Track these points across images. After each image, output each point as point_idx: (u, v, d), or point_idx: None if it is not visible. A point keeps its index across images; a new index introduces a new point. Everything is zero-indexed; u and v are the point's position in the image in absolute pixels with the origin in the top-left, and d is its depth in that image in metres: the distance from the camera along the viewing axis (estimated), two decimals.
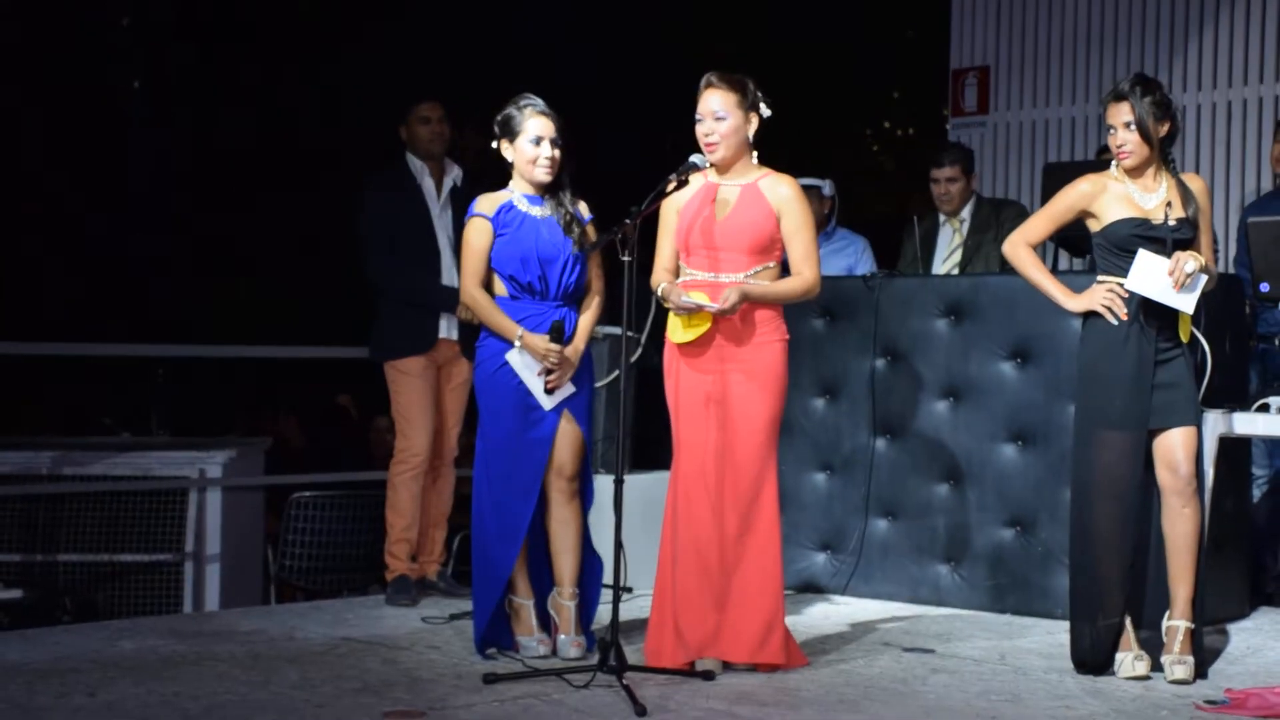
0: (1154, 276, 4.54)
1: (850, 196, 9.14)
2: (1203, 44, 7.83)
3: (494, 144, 4.89)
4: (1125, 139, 4.59)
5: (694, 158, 4.68)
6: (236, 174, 11.97)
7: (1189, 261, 4.50)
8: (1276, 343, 5.94)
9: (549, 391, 4.80)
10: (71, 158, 11.62)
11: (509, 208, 4.85)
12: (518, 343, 4.77)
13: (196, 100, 11.87)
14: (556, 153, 4.81)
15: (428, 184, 5.94)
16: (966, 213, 6.61)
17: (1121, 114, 4.59)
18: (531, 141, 4.80)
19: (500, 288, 4.86)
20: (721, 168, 4.71)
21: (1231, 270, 6.35)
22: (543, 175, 4.82)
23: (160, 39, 11.74)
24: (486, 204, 4.87)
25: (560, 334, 4.77)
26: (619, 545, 4.59)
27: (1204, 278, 4.54)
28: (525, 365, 4.79)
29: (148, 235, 11.94)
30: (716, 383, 4.65)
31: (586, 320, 4.90)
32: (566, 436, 4.84)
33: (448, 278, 5.85)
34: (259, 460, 7.21)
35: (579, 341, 4.85)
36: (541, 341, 4.76)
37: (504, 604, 4.87)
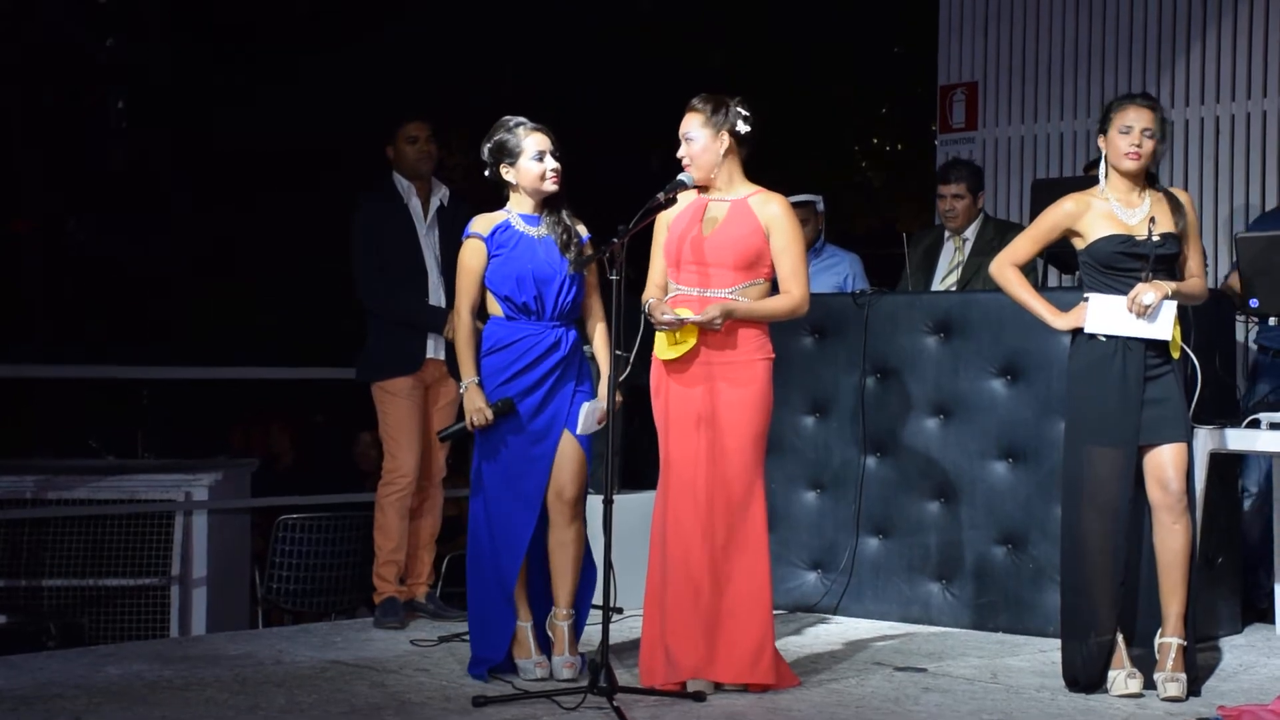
0: (1113, 315, 4.55)
1: (838, 212, 9.16)
2: (1190, 60, 7.84)
3: (486, 172, 4.88)
4: (1142, 142, 4.59)
5: (682, 175, 4.68)
6: (226, 184, 11.96)
7: (1146, 294, 4.50)
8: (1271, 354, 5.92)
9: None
10: (58, 173, 11.60)
11: (505, 227, 4.84)
12: (464, 386, 4.78)
13: (183, 114, 11.86)
14: (558, 164, 4.82)
15: (414, 204, 5.93)
16: (971, 232, 6.57)
17: (1144, 119, 4.59)
18: (534, 159, 4.81)
19: (496, 308, 4.84)
20: (707, 185, 4.70)
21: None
22: (551, 187, 4.83)
23: (146, 50, 11.73)
24: (482, 224, 4.86)
25: (509, 410, 4.75)
26: (608, 566, 4.57)
27: (1171, 304, 4.54)
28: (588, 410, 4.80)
29: (134, 249, 11.91)
30: (702, 400, 4.63)
31: (601, 350, 4.87)
32: (567, 457, 4.82)
33: (434, 297, 5.84)
34: (245, 482, 7.17)
35: (604, 371, 4.79)
36: (476, 402, 4.75)
37: (504, 623, 4.80)
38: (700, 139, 4.65)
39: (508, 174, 4.85)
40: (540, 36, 11.63)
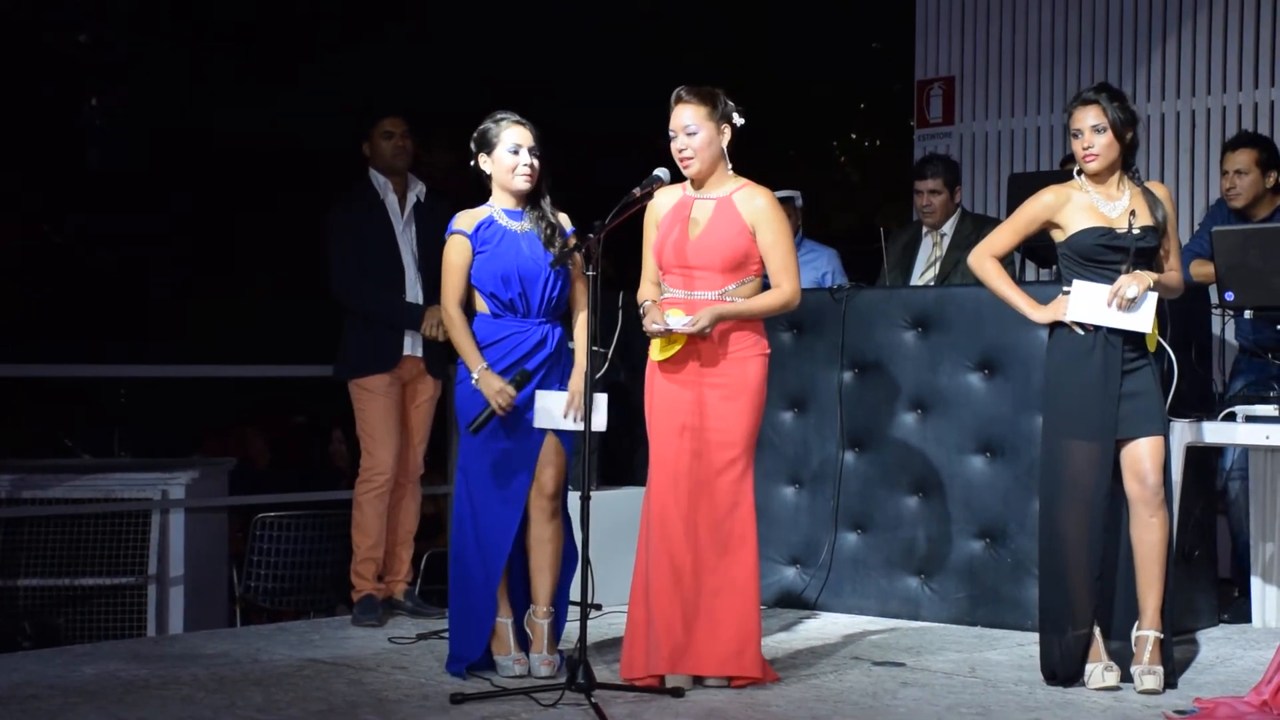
0: (1094, 304, 4.55)
1: (817, 208, 9.16)
2: (1165, 54, 7.87)
3: (472, 162, 4.86)
4: (1093, 141, 4.60)
5: (658, 171, 4.66)
6: (207, 184, 11.91)
7: (1130, 286, 4.51)
8: (1269, 356, 5.91)
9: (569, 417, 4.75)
10: (34, 176, 11.54)
11: (489, 223, 4.81)
12: (475, 375, 4.73)
13: (161, 115, 11.80)
14: (535, 161, 4.79)
15: (391, 200, 5.91)
16: (949, 227, 6.58)
17: (1089, 118, 4.60)
18: (510, 151, 4.78)
19: (482, 305, 4.82)
20: (697, 181, 4.68)
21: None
22: (522, 183, 4.79)
23: (123, 52, 11.67)
24: (465, 220, 4.83)
25: (526, 381, 4.72)
26: (586, 562, 4.56)
27: (1153, 296, 4.55)
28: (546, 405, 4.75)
29: (112, 251, 11.86)
30: (694, 397, 4.62)
31: (581, 342, 4.80)
32: (548, 453, 4.80)
33: (411, 294, 5.83)
34: (223, 480, 7.15)
35: (577, 375, 4.73)
36: (497, 383, 4.71)
37: (485, 620, 4.78)
38: (704, 132, 4.61)
39: (485, 165, 4.83)
40: (536, 36, 11.61)
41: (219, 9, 11.67)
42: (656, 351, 4.66)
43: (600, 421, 4.72)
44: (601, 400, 4.71)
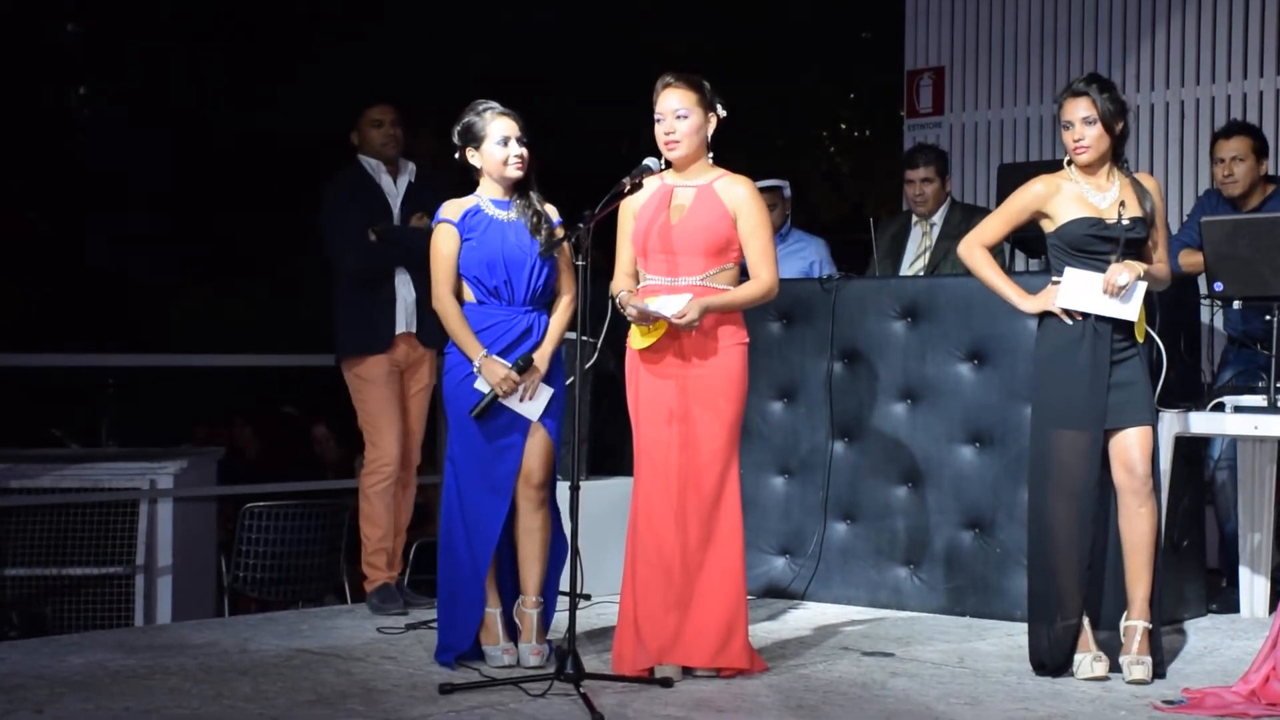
0: (1086, 291, 4.55)
1: (806, 198, 9.16)
2: (1155, 44, 7.87)
3: (456, 155, 4.85)
4: (1084, 134, 4.60)
5: (648, 160, 4.65)
6: (196, 179, 11.87)
7: (1122, 274, 4.51)
8: (1258, 346, 5.91)
9: (524, 400, 4.75)
10: (21, 166, 11.49)
11: (475, 212, 4.81)
12: (477, 363, 4.72)
13: (150, 105, 11.76)
14: (524, 150, 4.78)
15: (385, 181, 5.89)
16: (938, 216, 6.57)
17: (1079, 109, 4.59)
18: (499, 143, 4.78)
19: (468, 293, 4.82)
20: (679, 167, 4.68)
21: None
22: (515, 173, 4.79)
23: (112, 42, 11.63)
24: (452, 209, 4.83)
25: (529, 366, 4.72)
26: (575, 552, 4.56)
27: (1142, 285, 4.55)
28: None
29: (101, 243, 11.82)
30: (676, 388, 4.62)
31: (556, 323, 4.83)
32: (535, 444, 4.80)
33: (401, 279, 5.78)
34: (211, 470, 7.14)
35: (548, 346, 4.79)
36: (501, 369, 4.70)
37: (474, 610, 4.78)
38: (694, 118, 4.62)
39: (473, 158, 4.83)
40: (533, 34, 11.60)
41: (218, 7, 11.62)
42: (636, 340, 4.65)
43: (533, 411, 4.74)
44: (546, 392, 4.74)
